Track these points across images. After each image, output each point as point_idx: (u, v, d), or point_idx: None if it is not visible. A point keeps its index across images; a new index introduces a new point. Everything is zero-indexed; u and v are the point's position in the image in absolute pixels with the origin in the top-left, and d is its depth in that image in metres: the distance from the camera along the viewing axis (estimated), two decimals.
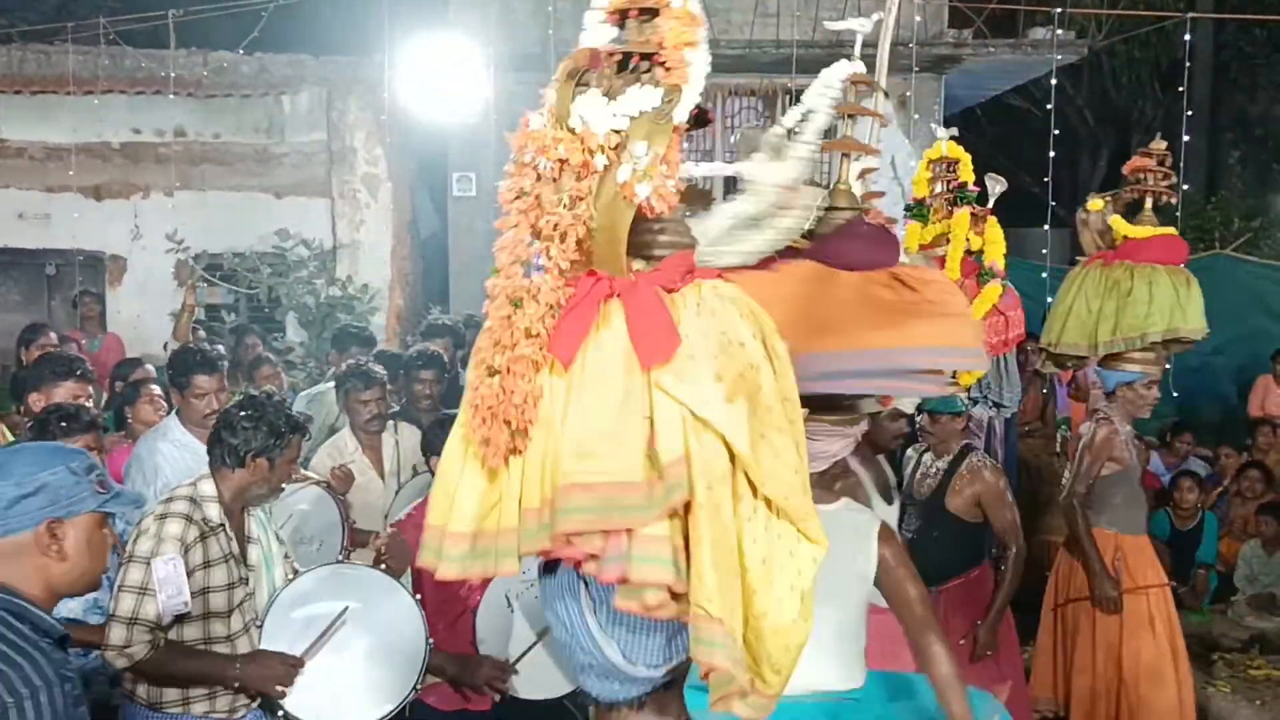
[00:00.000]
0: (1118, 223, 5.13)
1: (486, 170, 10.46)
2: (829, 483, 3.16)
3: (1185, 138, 8.60)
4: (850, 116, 2.94)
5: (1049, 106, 8.81)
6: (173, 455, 4.59)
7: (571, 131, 1.75)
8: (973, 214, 5.08)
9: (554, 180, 1.73)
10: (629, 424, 1.67)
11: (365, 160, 10.63)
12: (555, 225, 1.73)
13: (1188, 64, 9.24)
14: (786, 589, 1.75)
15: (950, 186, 5.12)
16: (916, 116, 9.85)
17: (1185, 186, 8.62)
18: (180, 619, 3.41)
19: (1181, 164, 8.71)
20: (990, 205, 5.15)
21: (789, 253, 2.68)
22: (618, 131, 1.77)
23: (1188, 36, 9.09)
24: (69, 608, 3.76)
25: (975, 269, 5.02)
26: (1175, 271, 5.08)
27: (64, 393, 4.59)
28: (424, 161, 11.23)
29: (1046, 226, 9.11)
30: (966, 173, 5.14)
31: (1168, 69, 14.73)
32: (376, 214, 10.68)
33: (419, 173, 11.35)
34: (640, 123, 1.80)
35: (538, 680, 4.12)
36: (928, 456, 5.18)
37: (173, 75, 9.82)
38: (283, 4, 9.85)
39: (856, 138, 2.99)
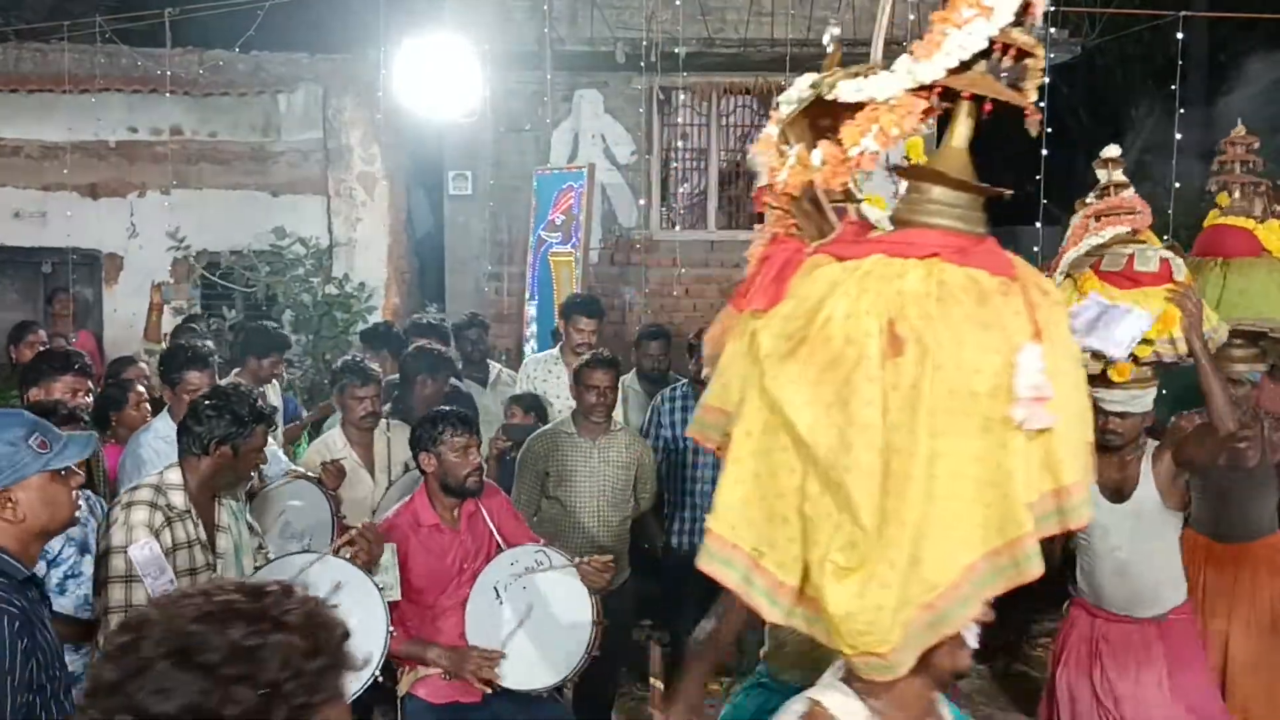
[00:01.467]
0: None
1: (483, 168, 10.49)
2: None
3: (1178, 136, 8.64)
4: None
5: (1042, 104, 8.82)
6: (163, 450, 4.63)
7: None
8: None
9: None
10: None
11: (361, 158, 10.65)
12: None
13: (1180, 62, 9.28)
14: None
15: None
16: None
17: (1177, 185, 8.67)
18: None
19: (1174, 162, 8.77)
20: None
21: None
22: None
23: (1180, 35, 9.12)
24: (59, 604, 3.82)
25: None
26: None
27: (62, 387, 4.65)
28: (420, 160, 11.24)
29: (1039, 224, 9.14)
30: None
31: (1162, 67, 14.76)
32: (373, 212, 10.69)
33: (415, 171, 11.36)
34: None
35: (525, 671, 4.17)
36: None
37: (169, 74, 9.83)
38: (278, 2, 9.85)
39: None
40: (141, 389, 5.50)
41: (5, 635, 2.38)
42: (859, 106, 2.00)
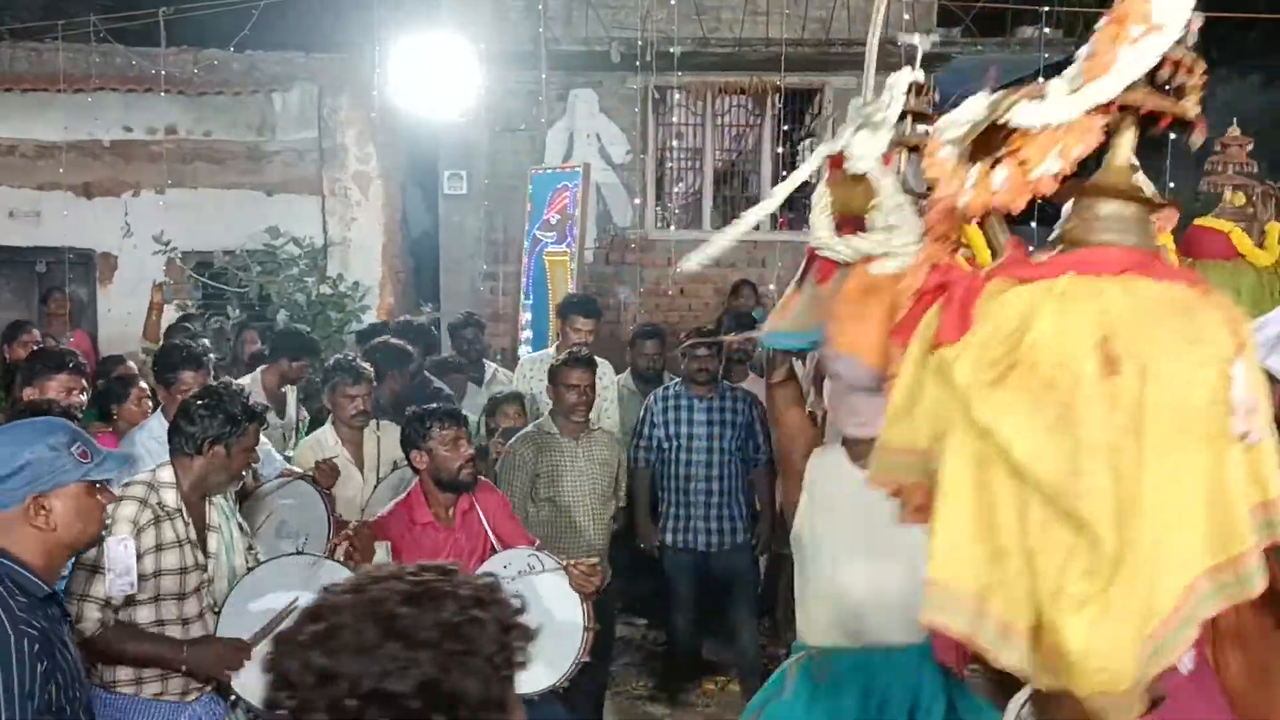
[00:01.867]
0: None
1: (477, 168, 10.49)
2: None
3: (1172, 135, 8.64)
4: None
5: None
6: (154, 449, 4.63)
7: None
8: None
9: None
10: None
11: (356, 158, 10.65)
12: None
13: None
14: None
15: None
16: None
17: (1171, 184, 8.68)
18: (132, 600, 3.49)
19: (1168, 161, 8.78)
20: None
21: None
22: None
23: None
24: None
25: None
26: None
27: (57, 386, 4.65)
28: (415, 159, 11.23)
29: (1034, 223, 9.14)
30: None
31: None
32: (367, 212, 10.69)
33: (410, 170, 11.36)
34: None
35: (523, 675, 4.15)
36: None
37: (164, 73, 9.83)
38: (273, 2, 9.85)
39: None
40: (144, 385, 5.51)
41: (25, 657, 2.32)
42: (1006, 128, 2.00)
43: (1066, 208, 2.03)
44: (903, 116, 2.88)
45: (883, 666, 3.23)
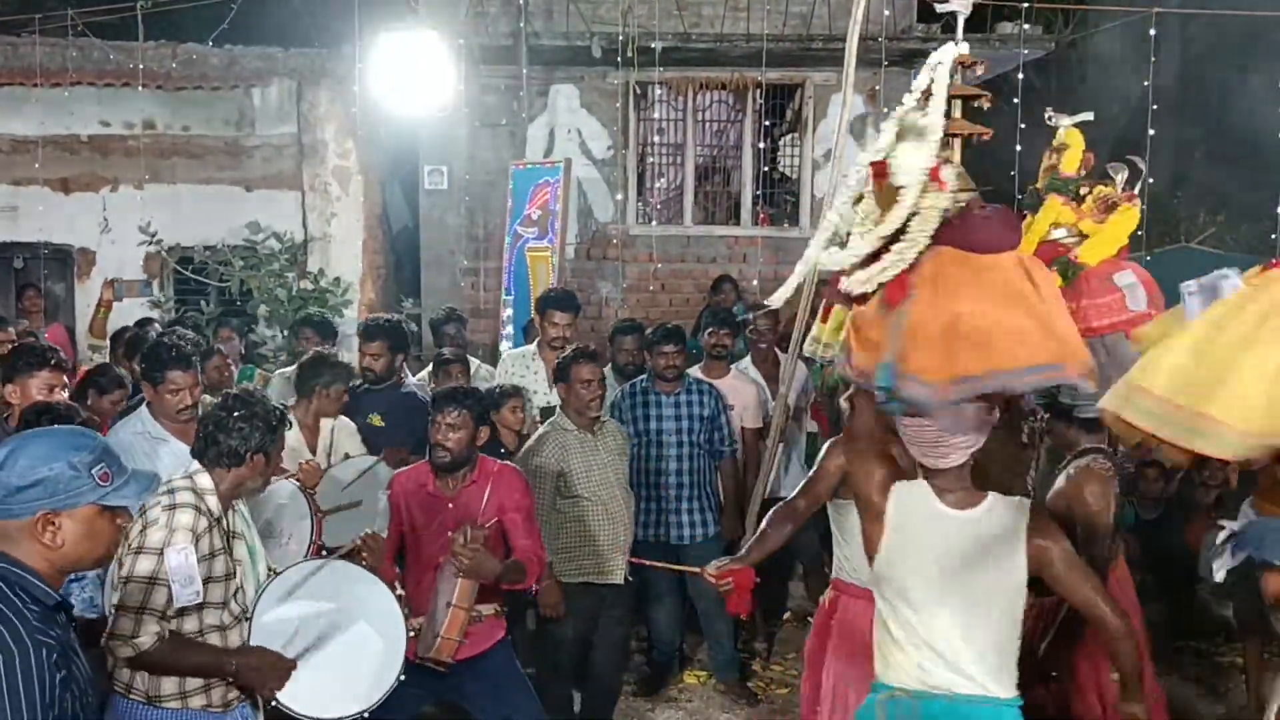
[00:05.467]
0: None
1: (458, 163, 10.47)
2: (968, 476, 3.15)
3: (1151, 131, 8.70)
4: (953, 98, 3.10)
5: (1015, 100, 8.89)
6: (142, 447, 4.62)
7: None
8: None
9: None
10: None
11: (336, 153, 10.61)
12: None
13: (1153, 58, 9.34)
14: None
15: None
16: (886, 110, 9.90)
17: (1151, 180, 8.72)
18: (181, 611, 3.44)
19: (1148, 157, 8.82)
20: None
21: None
22: None
23: (1153, 31, 9.18)
24: None
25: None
26: None
27: (39, 383, 4.62)
28: (395, 154, 11.20)
29: None
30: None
31: (1137, 63, 14.86)
32: (347, 207, 10.66)
33: (390, 166, 11.32)
34: None
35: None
36: None
37: (141, 67, 9.77)
38: None
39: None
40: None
41: (45, 668, 2.27)
42: None
43: None
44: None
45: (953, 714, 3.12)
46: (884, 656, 3.26)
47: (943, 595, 3.12)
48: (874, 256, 2.93)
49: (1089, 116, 5.08)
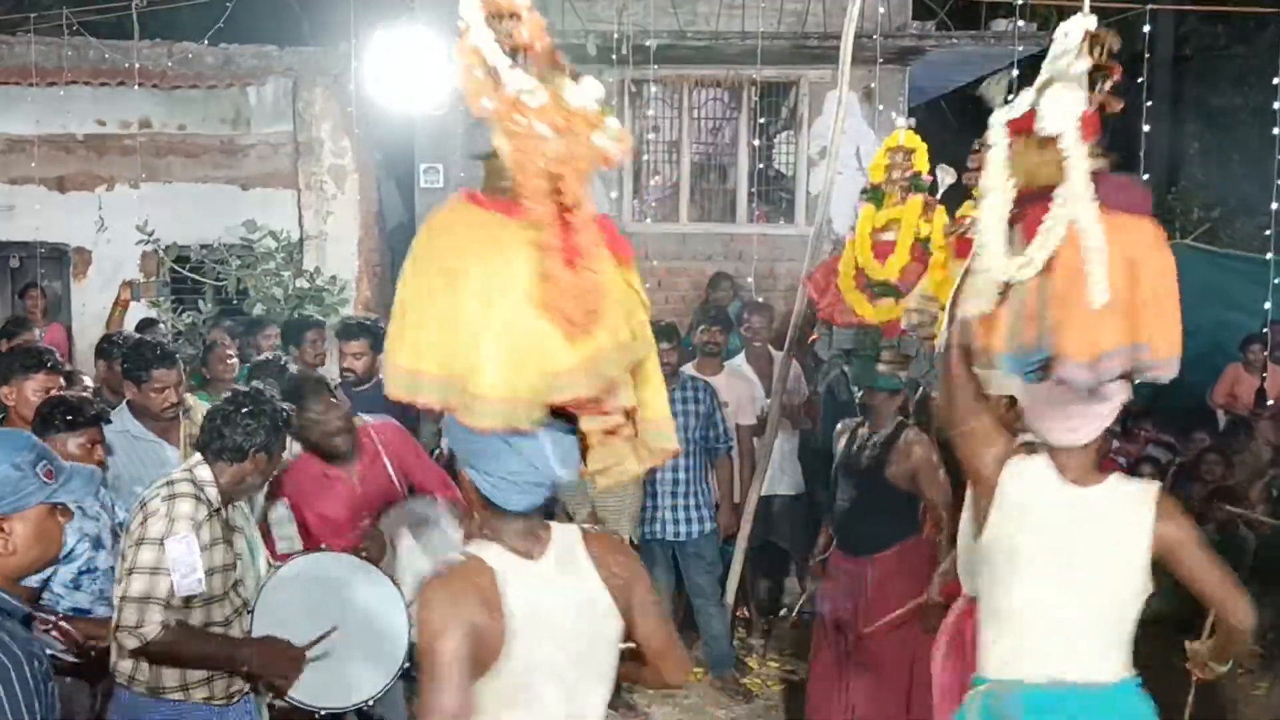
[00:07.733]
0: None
1: (454, 161, 10.46)
2: (1093, 453, 3.08)
3: (1146, 128, 8.72)
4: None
5: (1010, 98, 8.88)
6: (124, 445, 4.63)
7: None
8: (925, 202, 5.28)
9: None
10: None
11: (332, 151, 10.59)
12: None
13: (1148, 55, 9.37)
14: None
15: (905, 175, 5.30)
16: (881, 107, 9.93)
17: (1145, 176, 8.75)
18: (186, 602, 3.45)
19: (1143, 154, 8.85)
20: (939, 195, 5.33)
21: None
22: None
23: (1147, 27, 9.20)
24: (74, 600, 3.81)
25: (923, 255, 5.24)
26: None
27: (35, 385, 4.59)
28: (391, 152, 11.20)
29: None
30: (921, 162, 5.30)
31: (1129, 60, 14.89)
32: (344, 205, 10.65)
33: (386, 164, 11.32)
34: None
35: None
36: (862, 430, 5.31)
37: (137, 66, 9.75)
38: None
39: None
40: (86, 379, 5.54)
41: (29, 680, 2.24)
42: None
43: None
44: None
45: (1078, 709, 3.00)
46: (987, 640, 3.16)
47: (1055, 574, 3.04)
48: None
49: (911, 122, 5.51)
